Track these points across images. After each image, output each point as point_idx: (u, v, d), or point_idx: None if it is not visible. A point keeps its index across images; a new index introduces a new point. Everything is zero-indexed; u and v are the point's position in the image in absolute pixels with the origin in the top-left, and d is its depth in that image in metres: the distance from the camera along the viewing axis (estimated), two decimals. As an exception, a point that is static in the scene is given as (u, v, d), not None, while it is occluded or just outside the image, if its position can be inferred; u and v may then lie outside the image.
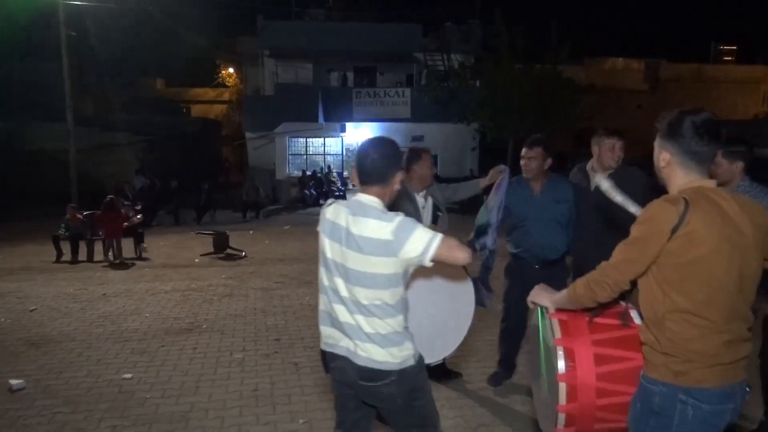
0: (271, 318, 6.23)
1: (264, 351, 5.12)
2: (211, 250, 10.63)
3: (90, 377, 4.48)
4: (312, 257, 10.21)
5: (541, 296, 2.23)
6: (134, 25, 25.41)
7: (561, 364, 2.00)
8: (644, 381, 1.87)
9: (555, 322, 2.10)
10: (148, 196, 16.25)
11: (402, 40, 22.78)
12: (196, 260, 10.17)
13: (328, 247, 2.23)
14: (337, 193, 20.37)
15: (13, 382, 4.31)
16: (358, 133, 23.06)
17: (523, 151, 3.92)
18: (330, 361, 2.29)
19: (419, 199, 3.98)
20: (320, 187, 20.57)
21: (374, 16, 24.33)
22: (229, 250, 10.64)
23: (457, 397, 4.04)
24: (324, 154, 23.46)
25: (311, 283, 8.02)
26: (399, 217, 2.14)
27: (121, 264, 9.78)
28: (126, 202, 11.47)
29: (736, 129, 15.56)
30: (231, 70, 38.77)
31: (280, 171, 22.31)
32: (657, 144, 1.96)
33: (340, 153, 23.65)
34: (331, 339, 2.26)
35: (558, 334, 2.05)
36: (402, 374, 2.14)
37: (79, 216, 10.60)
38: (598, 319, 2.09)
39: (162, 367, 4.70)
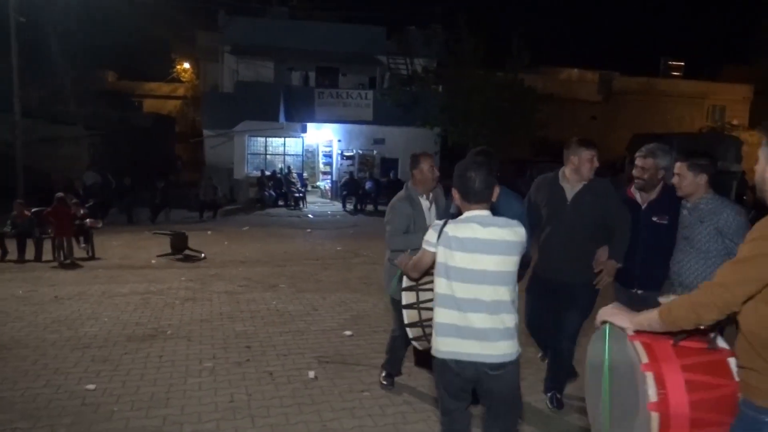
0: (240, 324, 5.99)
1: (235, 359, 4.90)
2: (169, 250, 10.23)
3: (48, 388, 4.17)
4: (275, 260, 9.98)
5: (618, 317, 2.06)
6: (87, 13, 24.40)
7: (652, 392, 1.84)
8: (749, 409, 1.73)
9: (638, 345, 1.93)
10: (100, 193, 15.58)
11: (365, 42, 22.69)
12: (153, 261, 9.76)
13: (459, 258, 2.51)
14: (297, 195, 20.06)
15: (-37, 393, 3.96)
16: (320, 133, 22.80)
17: None
18: (453, 368, 2.55)
19: (424, 202, 4.02)
20: (279, 188, 20.20)
21: (338, 17, 24.16)
22: (187, 251, 10.26)
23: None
24: (284, 155, 23.07)
25: (277, 287, 7.80)
26: (517, 222, 2.60)
27: (71, 264, 9.29)
28: (74, 200, 10.90)
29: (688, 142, 16.13)
30: (187, 65, 37.84)
31: (239, 170, 21.81)
32: (764, 152, 1.81)
33: (301, 153, 23.33)
34: (459, 348, 2.52)
35: (645, 358, 1.89)
36: (518, 361, 2.59)
37: (26, 213, 10.03)
38: (684, 343, 1.94)
39: (128, 377, 4.42)
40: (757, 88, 31.86)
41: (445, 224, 2.58)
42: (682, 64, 36.85)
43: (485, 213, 2.58)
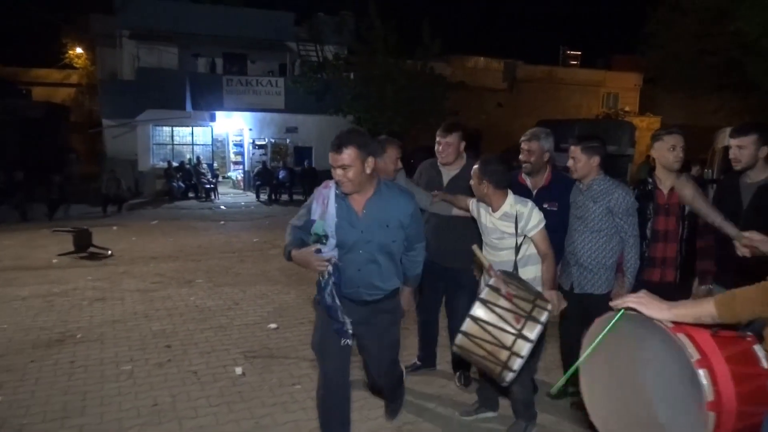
0: (156, 323, 5.71)
1: (155, 360, 4.67)
2: (72, 249, 9.56)
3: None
4: (188, 255, 9.59)
5: (650, 307, 1.87)
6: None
7: (708, 391, 1.70)
8: None
9: (684, 338, 1.78)
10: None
11: (274, 28, 22.16)
12: (54, 261, 9.10)
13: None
14: (207, 186, 19.40)
15: None
16: (230, 122, 22.10)
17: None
18: None
19: None
20: (189, 180, 19.44)
21: (245, 1, 23.42)
22: (92, 249, 9.64)
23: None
24: (192, 144, 22.18)
25: (193, 282, 7.51)
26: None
27: (-40, 267, 8.49)
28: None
29: (588, 127, 17.08)
30: (80, 50, 35.38)
31: (143, 162, 20.74)
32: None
33: (210, 143, 22.52)
34: None
35: (695, 353, 1.74)
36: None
37: None
38: (722, 332, 1.85)
39: (36, 386, 4.09)
40: (646, 76, 34.28)
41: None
42: (579, 53, 38.88)
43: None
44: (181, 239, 11.29)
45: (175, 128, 21.63)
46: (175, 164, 19.94)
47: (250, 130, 22.28)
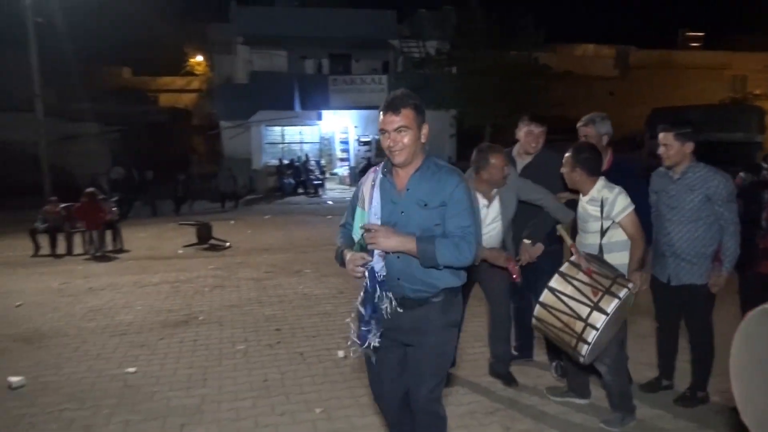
0: (268, 308, 6.15)
1: (266, 341, 5.05)
2: (194, 240, 10.44)
3: (91, 372, 4.36)
4: (298, 247, 10.14)
5: None
6: (100, 12, 24.63)
7: None
8: None
9: None
10: (125, 188, 15.89)
11: (377, 27, 22.65)
12: (180, 251, 9.98)
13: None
14: (315, 182, 20.24)
15: (12, 379, 4.15)
16: (336, 120, 22.88)
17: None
18: None
19: (482, 200, 3.66)
20: (298, 176, 20.39)
21: (348, 2, 24.10)
22: (212, 241, 10.47)
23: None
24: (301, 143, 23.23)
25: (301, 272, 7.95)
26: None
27: (102, 256, 9.55)
28: (101, 196, 11.15)
29: (708, 114, 15.93)
30: (200, 58, 38.05)
31: (257, 160, 22.02)
32: None
33: (317, 141, 23.45)
34: None
35: None
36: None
37: (57, 209, 10.30)
38: None
39: (165, 360, 4.60)
40: (779, 56, 31.24)
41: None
42: (701, 35, 36.16)
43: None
44: (291, 232, 11.93)
45: (285, 128, 22.74)
46: (285, 162, 20.99)
47: (356, 127, 22.92)
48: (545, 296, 3.02)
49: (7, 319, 5.93)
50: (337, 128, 23.44)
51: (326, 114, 22.36)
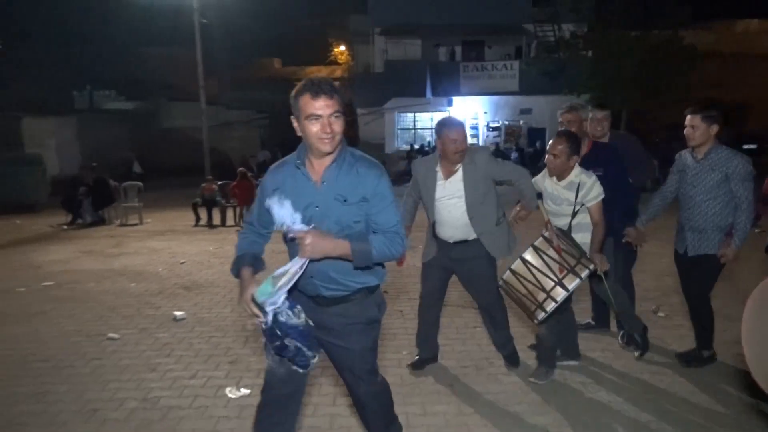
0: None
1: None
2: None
3: (234, 313, 5.43)
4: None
5: None
6: (254, 10, 27.10)
7: None
8: None
9: None
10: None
11: (511, 12, 22.63)
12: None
13: None
14: (444, 167, 20.86)
15: (177, 313, 5.35)
16: (466, 106, 23.30)
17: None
18: None
19: (439, 175, 3.77)
20: (427, 161, 21.16)
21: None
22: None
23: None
24: (431, 128, 23.94)
25: (417, 248, 8.67)
26: None
27: (249, 228, 11.01)
28: (250, 174, 12.71)
29: None
30: (343, 48, 40.18)
31: (389, 145, 23.15)
32: None
33: (447, 127, 24.04)
34: None
35: None
36: None
37: (213, 186, 11.97)
38: None
39: (290, 309, 5.58)
40: None
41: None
42: None
43: None
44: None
45: (416, 114, 23.59)
46: (416, 147, 21.85)
47: (485, 113, 23.19)
48: (516, 265, 3.45)
49: (174, 272, 7.32)
50: (468, 114, 23.85)
51: (457, 100, 22.85)
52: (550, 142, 3.70)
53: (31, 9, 28.18)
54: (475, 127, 23.95)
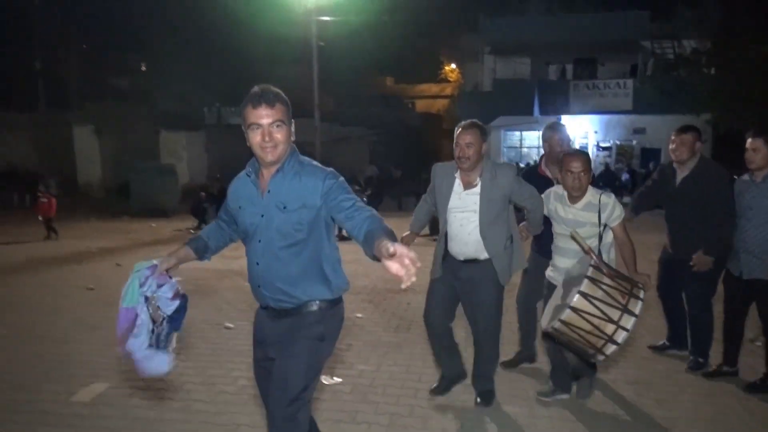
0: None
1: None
2: (427, 232, 12.03)
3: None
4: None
5: None
6: (369, 30, 28.32)
7: None
8: None
9: None
10: (377, 184, 18.45)
11: (626, 29, 22.00)
12: (415, 240, 11.62)
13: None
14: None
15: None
16: (575, 125, 22.87)
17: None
18: None
19: (457, 185, 3.65)
20: (533, 179, 21.03)
21: (597, 6, 23.81)
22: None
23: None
24: (538, 147, 23.72)
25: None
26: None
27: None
28: (356, 187, 13.48)
29: None
30: (454, 66, 40.71)
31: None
32: None
33: (555, 146, 23.71)
34: None
35: None
36: None
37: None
38: None
39: (384, 312, 6.04)
40: None
41: None
42: None
43: None
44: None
45: (523, 132, 23.50)
46: (521, 165, 21.77)
47: (596, 132, 22.65)
48: (577, 301, 3.03)
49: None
50: (578, 133, 23.39)
51: (565, 119, 22.47)
52: (570, 163, 3.43)
53: (170, 34, 31.22)
54: (584, 146, 23.41)
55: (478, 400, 3.74)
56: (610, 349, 3.05)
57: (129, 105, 24.54)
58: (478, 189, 3.46)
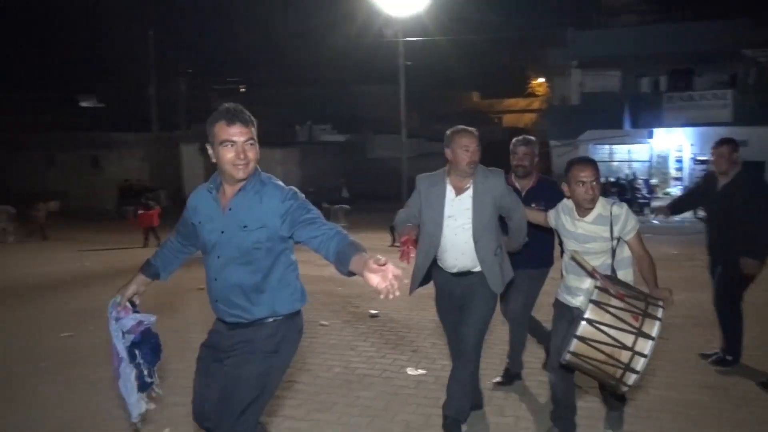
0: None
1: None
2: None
3: (418, 314, 6.38)
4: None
5: None
6: (455, 48, 28.80)
7: None
8: None
9: None
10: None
11: (725, 38, 21.06)
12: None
13: None
14: (641, 201, 20.03)
15: (372, 311, 6.50)
16: (669, 138, 22.13)
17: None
18: None
19: (449, 192, 3.48)
20: (623, 195, 20.48)
21: (692, 15, 22.98)
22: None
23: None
24: (629, 161, 23.13)
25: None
26: None
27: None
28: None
29: None
30: (542, 80, 40.25)
31: (584, 178, 22.81)
32: None
33: (647, 160, 23.00)
34: None
35: None
36: None
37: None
38: None
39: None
40: None
41: None
42: None
43: None
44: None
45: (613, 146, 22.98)
46: (611, 180, 21.31)
47: (692, 145, 21.76)
48: (583, 329, 2.78)
49: (371, 281, 8.57)
50: (671, 146, 22.59)
51: (658, 132, 21.82)
52: (580, 172, 3.12)
53: (266, 59, 33.17)
54: (679, 160, 22.56)
55: (445, 423, 3.46)
56: (631, 378, 2.75)
57: (229, 125, 26.32)
58: (469, 192, 3.38)
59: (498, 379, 4.30)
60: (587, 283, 3.09)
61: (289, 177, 23.65)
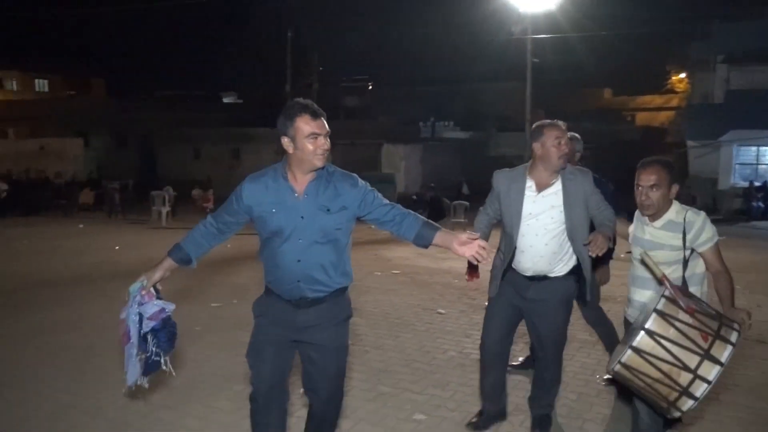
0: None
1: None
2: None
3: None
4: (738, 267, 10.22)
5: None
6: (586, 43, 27.81)
7: None
8: None
9: None
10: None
11: None
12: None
13: None
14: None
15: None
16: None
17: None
18: None
19: (529, 190, 3.28)
20: (769, 200, 18.84)
21: None
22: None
23: None
24: (779, 165, 21.13)
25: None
26: None
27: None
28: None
29: None
30: (683, 75, 37.45)
31: (724, 181, 21.20)
32: None
33: (800, 163, 20.87)
34: None
35: None
36: None
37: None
38: None
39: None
40: None
41: None
42: None
43: None
44: (738, 254, 11.90)
45: (761, 148, 21.11)
46: (756, 184, 19.64)
47: None
48: (641, 340, 2.45)
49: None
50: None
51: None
52: (639, 174, 2.86)
53: (391, 57, 34.07)
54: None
55: (533, 424, 3.51)
56: (687, 404, 2.43)
57: (357, 121, 27.52)
58: (554, 189, 3.17)
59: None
60: (647, 295, 2.88)
61: (412, 171, 24.35)
